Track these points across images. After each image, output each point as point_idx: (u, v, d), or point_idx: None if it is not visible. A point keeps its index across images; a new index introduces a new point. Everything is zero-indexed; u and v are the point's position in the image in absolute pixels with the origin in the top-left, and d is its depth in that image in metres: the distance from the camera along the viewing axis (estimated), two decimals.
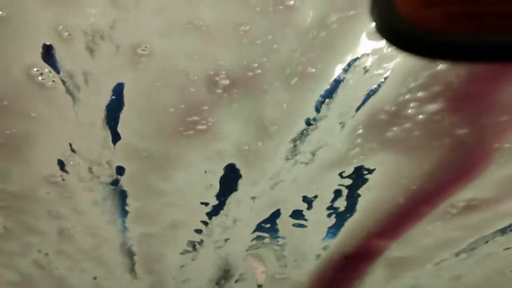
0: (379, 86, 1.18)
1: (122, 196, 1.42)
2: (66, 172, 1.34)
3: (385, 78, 1.17)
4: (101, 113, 1.21)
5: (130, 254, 1.60)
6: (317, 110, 1.25)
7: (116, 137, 1.27)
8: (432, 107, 1.16)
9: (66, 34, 1.09)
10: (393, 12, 0.34)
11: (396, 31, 0.34)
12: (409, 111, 1.20)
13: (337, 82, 1.20)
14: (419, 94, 1.16)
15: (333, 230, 1.55)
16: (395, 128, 1.23)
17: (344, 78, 1.19)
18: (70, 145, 1.27)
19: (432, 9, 0.33)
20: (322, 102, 1.23)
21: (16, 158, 1.25)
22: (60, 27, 1.09)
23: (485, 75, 1.12)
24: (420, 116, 1.18)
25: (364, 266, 1.67)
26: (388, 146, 1.28)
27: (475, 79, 1.13)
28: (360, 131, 1.26)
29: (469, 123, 1.22)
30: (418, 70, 1.12)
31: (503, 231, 1.60)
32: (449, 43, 0.33)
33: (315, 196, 1.45)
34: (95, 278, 1.65)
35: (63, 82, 1.14)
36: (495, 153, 1.32)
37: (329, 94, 1.21)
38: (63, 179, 1.35)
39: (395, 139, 1.26)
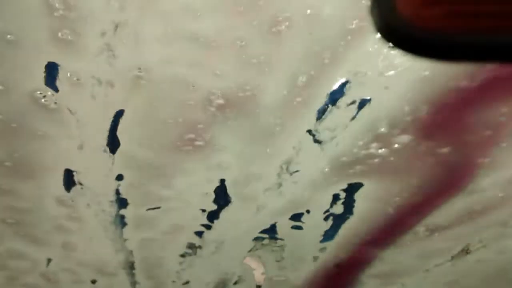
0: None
1: (122, 204, 1.47)
2: (73, 191, 1.42)
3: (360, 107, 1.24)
4: (104, 136, 1.28)
5: (130, 261, 1.66)
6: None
7: (115, 145, 1.32)
8: (405, 137, 1.23)
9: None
10: (393, 12, 0.34)
11: (396, 31, 0.34)
12: (380, 150, 1.27)
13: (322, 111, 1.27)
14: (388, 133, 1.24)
15: (331, 232, 1.60)
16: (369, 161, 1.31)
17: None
18: (73, 169, 1.36)
19: (432, 9, 0.33)
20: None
21: (25, 178, 1.33)
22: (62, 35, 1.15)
23: (455, 103, 1.18)
24: (396, 145, 1.25)
25: (354, 275, 1.73)
26: (370, 172, 1.35)
27: (445, 108, 1.19)
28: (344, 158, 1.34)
29: (448, 143, 1.28)
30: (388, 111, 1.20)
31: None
32: (449, 43, 0.33)
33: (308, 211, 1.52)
34: (93, 282, 1.71)
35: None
36: (479, 167, 1.39)
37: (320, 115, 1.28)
38: (72, 200, 1.43)
39: (375, 166, 1.33)
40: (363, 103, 1.24)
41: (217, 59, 1.16)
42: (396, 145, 1.25)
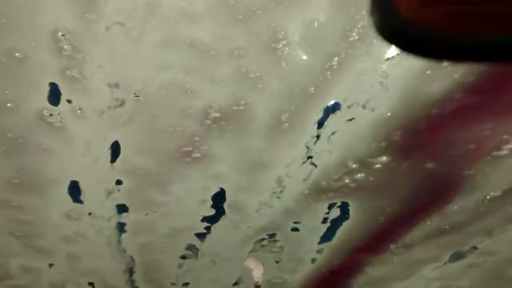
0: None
1: (122, 210, 1.54)
2: (81, 202, 1.50)
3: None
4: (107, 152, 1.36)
5: (129, 265, 1.73)
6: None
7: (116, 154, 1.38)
8: (385, 159, 1.29)
9: (73, 74, 1.23)
10: (393, 12, 0.34)
11: (396, 31, 0.34)
12: (360, 175, 1.34)
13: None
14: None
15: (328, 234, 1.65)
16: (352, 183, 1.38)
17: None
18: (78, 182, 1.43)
19: (432, 9, 0.33)
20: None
21: (32, 193, 1.40)
22: (68, 71, 1.22)
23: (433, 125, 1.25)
24: (378, 166, 1.32)
25: (348, 280, 1.79)
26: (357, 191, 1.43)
27: (422, 131, 1.26)
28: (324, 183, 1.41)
29: (432, 159, 1.34)
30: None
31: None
32: (449, 43, 0.33)
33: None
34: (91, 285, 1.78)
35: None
36: (466, 180, 1.44)
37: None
38: (77, 213, 1.51)
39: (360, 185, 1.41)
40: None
41: (214, 68, 1.21)
42: (377, 166, 1.32)
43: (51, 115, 1.26)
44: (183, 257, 1.70)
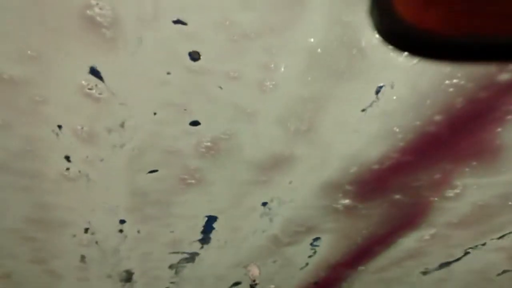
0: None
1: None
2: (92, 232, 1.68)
3: None
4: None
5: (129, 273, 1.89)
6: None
7: None
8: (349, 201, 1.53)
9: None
10: (393, 13, 0.34)
11: (396, 31, 0.34)
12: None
13: None
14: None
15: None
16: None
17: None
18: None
19: (432, 9, 0.33)
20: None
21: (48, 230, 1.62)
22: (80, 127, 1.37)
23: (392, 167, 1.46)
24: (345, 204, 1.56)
25: None
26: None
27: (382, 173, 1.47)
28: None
29: (398, 192, 1.54)
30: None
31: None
32: (449, 43, 0.33)
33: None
34: None
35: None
36: (433, 204, 1.61)
37: None
38: (86, 243, 1.70)
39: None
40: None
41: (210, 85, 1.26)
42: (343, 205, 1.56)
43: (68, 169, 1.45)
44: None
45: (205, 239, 1.75)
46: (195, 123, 1.36)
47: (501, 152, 1.42)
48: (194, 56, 1.18)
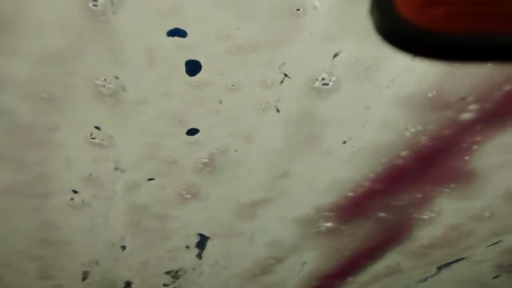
0: None
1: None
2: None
3: None
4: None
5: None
6: None
7: None
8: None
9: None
10: (393, 12, 0.34)
11: (396, 31, 0.34)
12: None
13: None
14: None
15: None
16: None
17: None
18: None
19: (432, 9, 0.33)
20: None
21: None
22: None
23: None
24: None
25: None
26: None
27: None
28: None
29: (382, 210, 1.63)
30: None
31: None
32: (449, 43, 0.33)
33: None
34: None
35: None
36: (415, 221, 1.69)
37: None
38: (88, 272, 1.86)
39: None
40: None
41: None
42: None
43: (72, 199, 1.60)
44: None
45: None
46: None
47: (475, 175, 1.47)
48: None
